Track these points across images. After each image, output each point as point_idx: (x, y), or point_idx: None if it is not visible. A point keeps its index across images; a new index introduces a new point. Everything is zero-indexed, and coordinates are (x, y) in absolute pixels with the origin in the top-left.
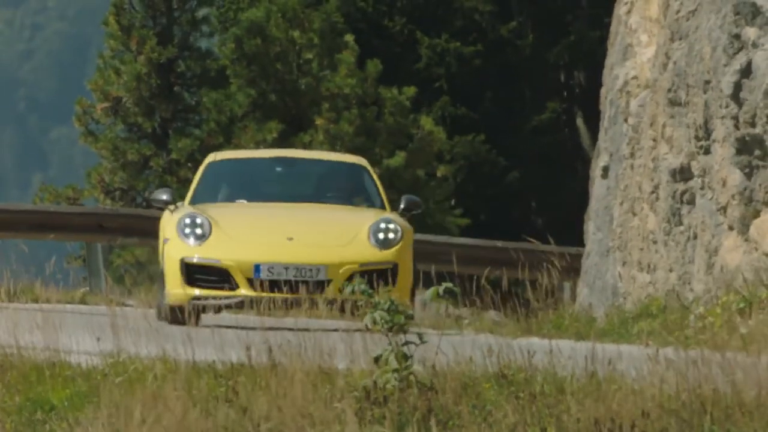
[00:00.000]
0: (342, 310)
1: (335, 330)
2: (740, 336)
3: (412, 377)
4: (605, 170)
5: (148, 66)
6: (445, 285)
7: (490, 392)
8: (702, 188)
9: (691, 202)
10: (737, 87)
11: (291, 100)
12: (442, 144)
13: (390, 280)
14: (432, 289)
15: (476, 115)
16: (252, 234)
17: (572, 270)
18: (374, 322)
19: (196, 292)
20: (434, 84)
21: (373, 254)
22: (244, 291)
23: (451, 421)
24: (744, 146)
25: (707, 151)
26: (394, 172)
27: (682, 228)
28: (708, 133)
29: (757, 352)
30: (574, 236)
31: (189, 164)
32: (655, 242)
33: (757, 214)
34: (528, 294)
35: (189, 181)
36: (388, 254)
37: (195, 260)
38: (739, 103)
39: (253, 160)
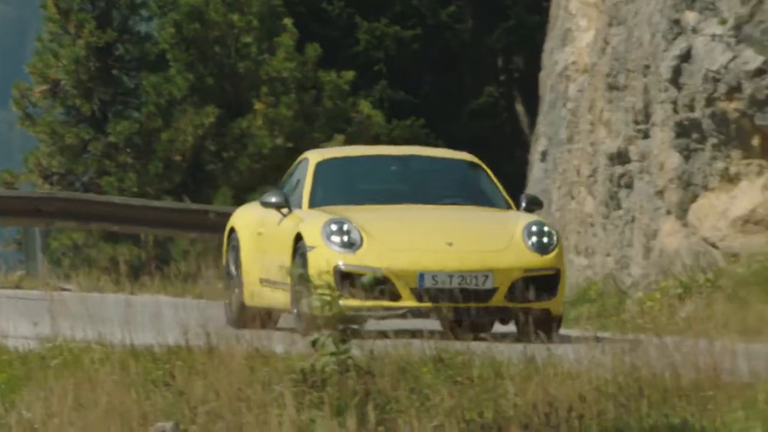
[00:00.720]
0: (507, 321)
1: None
2: (679, 321)
3: (350, 361)
4: (543, 154)
5: (86, 49)
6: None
7: (427, 376)
8: (640, 172)
9: (630, 185)
10: (676, 71)
11: (230, 83)
12: (380, 128)
13: (552, 287)
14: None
15: (415, 99)
16: (408, 240)
17: None
18: (313, 306)
19: (353, 303)
20: (373, 68)
21: (534, 259)
22: (408, 301)
23: (389, 405)
24: (683, 130)
25: (646, 135)
26: None
27: (620, 212)
28: (647, 117)
29: (695, 336)
30: None
31: (127, 149)
32: (593, 225)
33: (695, 198)
34: None
35: (128, 165)
36: (550, 259)
37: (351, 269)
38: (679, 87)
39: (365, 159)
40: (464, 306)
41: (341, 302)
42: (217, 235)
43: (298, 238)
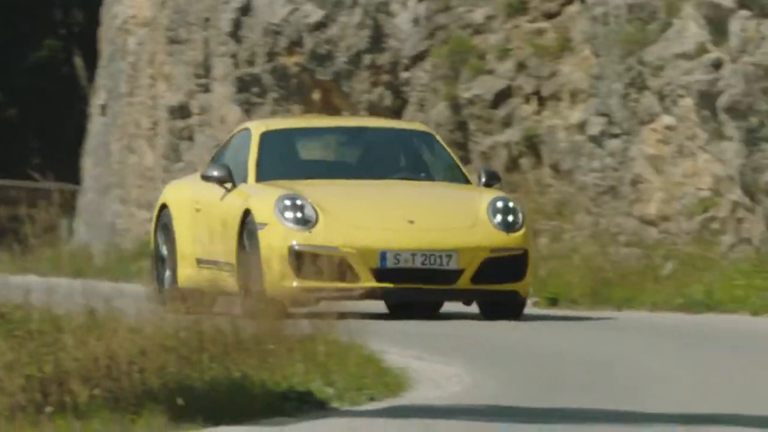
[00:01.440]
0: (469, 303)
1: None
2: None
3: None
4: (103, 108)
5: None
6: None
7: None
8: (201, 125)
9: (191, 138)
10: (236, 25)
11: None
12: None
13: (520, 268)
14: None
15: None
16: (367, 217)
17: (70, 207)
18: None
19: (308, 284)
20: None
21: (501, 239)
22: (367, 282)
23: None
24: (243, 85)
25: (207, 89)
26: None
27: (181, 164)
28: (207, 71)
29: None
30: (73, 174)
31: None
32: (152, 179)
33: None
34: (25, 230)
35: None
36: (517, 238)
37: (307, 248)
38: (239, 40)
39: (312, 130)
40: (428, 288)
41: (295, 283)
42: None
43: (246, 214)
